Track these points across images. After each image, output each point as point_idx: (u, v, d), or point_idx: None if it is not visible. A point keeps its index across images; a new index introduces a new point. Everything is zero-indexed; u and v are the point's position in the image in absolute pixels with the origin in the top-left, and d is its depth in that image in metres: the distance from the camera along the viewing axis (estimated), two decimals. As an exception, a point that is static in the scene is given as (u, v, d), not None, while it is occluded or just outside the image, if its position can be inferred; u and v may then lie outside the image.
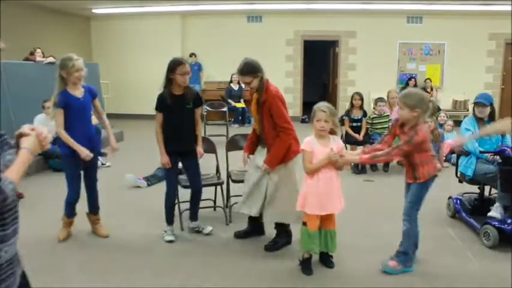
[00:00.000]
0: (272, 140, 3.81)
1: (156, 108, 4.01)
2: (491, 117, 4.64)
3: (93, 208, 4.25)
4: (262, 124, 3.86)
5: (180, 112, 4.01)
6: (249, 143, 4.16)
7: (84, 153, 3.90)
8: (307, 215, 3.44)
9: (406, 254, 3.54)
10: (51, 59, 8.24)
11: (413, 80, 12.00)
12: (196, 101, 4.11)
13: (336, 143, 3.46)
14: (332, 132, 3.46)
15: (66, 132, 3.88)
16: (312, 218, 3.43)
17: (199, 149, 4.23)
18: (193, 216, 4.40)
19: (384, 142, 3.62)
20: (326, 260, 3.65)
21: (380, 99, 7.15)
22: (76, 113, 3.92)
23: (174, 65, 3.90)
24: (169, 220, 4.22)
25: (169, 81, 3.95)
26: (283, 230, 4.04)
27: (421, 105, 3.31)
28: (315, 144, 3.40)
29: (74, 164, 4.00)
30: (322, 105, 3.41)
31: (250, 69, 3.78)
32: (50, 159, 6.66)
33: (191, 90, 4.09)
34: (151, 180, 6.08)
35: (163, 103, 3.96)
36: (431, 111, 3.44)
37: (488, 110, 4.57)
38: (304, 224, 3.47)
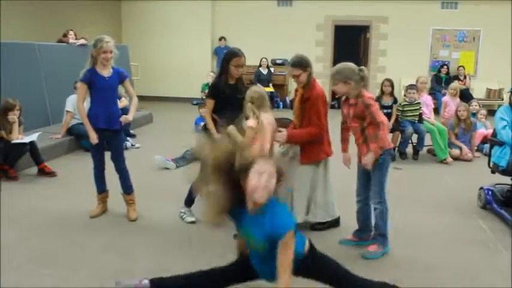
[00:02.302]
0: None
1: (209, 95, 4.08)
2: (528, 107, 4.52)
3: (124, 188, 4.33)
4: (300, 120, 3.88)
5: (230, 101, 4.02)
6: None
7: (92, 136, 4.05)
8: None
9: (384, 236, 3.58)
10: (82, 41, 8.40)
11: (445, 67, 11.73)
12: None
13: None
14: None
15: (85, 109, 4.12)
16: None
17: None
18: None
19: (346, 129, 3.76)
20: None
21: (411, 87, 7.02)
22: (99, 91, 4.08)
23: (230, 56, 4.00)
24: (191, 202, 4.25)
25: (224, 70, 4.03)
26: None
27: (352, 76, 3.39)
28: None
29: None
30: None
31: (301, 62, 3.81)
32: (82, 140, 6.79)
33: (243, 82, 4.17)
34: (179, 162, 6.13)
35: (216, 90, 4.02)
36: (366, 80, 3.48)
37: (524, 99, 4.45)
38: None
